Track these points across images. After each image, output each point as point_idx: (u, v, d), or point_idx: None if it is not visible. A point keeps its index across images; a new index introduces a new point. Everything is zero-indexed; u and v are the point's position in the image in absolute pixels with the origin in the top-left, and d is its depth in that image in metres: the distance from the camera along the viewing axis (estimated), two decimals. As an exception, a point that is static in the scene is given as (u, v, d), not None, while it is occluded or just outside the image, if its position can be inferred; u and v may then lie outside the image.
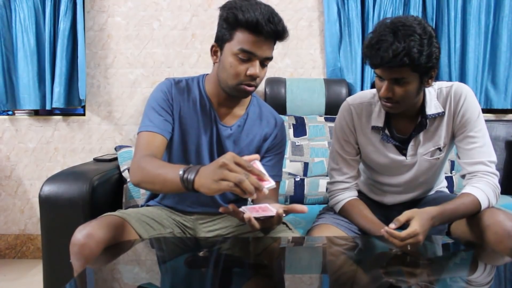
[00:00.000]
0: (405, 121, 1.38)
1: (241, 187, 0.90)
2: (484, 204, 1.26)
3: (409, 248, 1.12)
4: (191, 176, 0.98)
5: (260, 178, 0.95)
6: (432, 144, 1.38)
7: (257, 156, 1.00)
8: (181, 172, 0.99)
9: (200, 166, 1.00)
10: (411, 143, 1.38)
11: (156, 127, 1.23)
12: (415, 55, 1.16)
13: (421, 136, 1.37)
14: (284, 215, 1.06)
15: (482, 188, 1.28)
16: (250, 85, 1.21)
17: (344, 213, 1.44)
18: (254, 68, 1.18)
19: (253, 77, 1.19)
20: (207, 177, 0.94)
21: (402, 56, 1.16)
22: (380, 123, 1.38)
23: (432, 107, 1.34)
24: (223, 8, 1.21)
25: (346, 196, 1.44)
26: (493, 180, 1.31)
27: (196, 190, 0.98)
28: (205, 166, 0.99)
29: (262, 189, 0.92)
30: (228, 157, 0.93)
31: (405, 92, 1.24)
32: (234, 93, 1.25)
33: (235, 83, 1.21)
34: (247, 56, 1.17)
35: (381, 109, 1.38)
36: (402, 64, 1.17)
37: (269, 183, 0.95)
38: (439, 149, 1.38)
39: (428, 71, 1.24)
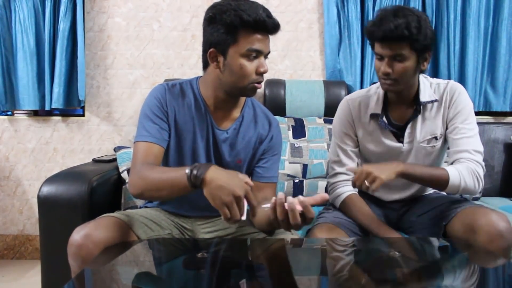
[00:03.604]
0: (402, 109, 1.45)
1: (232, 222, 1.02)
2: (454, 179, 1.31)
3: (368, 185, 1.24)
4: (200, 173, 1.04)
5: None
6: (428, 132, 1.44)
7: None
8: (187, 171, 1.06)
9: (211, 164, 1.07)
10: (408, 130, 1.44)
11: (152, 137, 1.23)
12: (414, 29, 1.27)
13: (417, 124, 1.43)
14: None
15: (458, 167, 1.34)
16: (260, 82, 1.23)
17: (344, 207, 1.47)
18: (264, 65, 1.21)
19: (263, 74, 1.22)
20: (219, 189, 1.01)
21: (402, 28, 1.26)
22: (378, 110, 1.45)
23: (426, 95, 1.42)
24: (219, 13, 1.18)
25: (347, 189, 1.48)
26: (473, 165, 1.35)
27: (202, 185, 1.04)
28: (218, 172, 1.05)
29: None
30: (243, 189, 1.01)
31: (403, 69, 1.32)
32: (245, 94, 1.26)
33: (247, 83, 1.22)
34: (254, 55, 1.19)
35: (379, 97, 1.46)
36: (402, 35, 1.27)
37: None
38: (435, 138, 1.44)
39: (424, 50, 1.33)
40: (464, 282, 1.03)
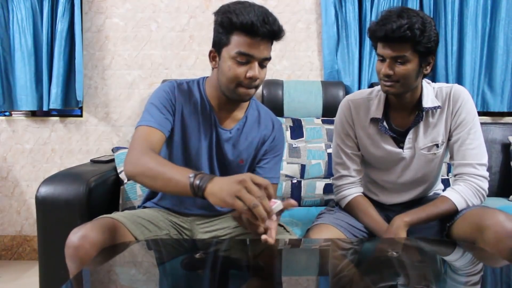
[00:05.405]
0: (403, 115, 1.42)
1: (253, 211, 0.91)
2: (460, 205, 1.33)
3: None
4: (203, 183, 0.97)
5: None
6: (430, 139, 1.41)
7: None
8: (191, 176, 0.99)
9: (214, 176, 1.00)
10: (409, 136, 1.42)
11: (156, 123, 1.22)
12: (417, 31, 1.24)
13: (419, 130, 1.41)
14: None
15: (461, 191, 1.34)
16: (250, 87, 1.21)
17: (349, 209, 1.47)
18: (253, 70, 1.18)
19: (252, 79, 1.19)
20: (223, 189, 0.94)
21: (405, 28, 1.24)
22: (379, 114, 1.42)
23: (429, 101, 1.39)
24: (217, 13, 1.20)
25: (353, 191, 1.47)
26: (478, 182, 1.35)
27: (205, 197, 0.97)
28: (220, 177, 0.99)
29: (272, 214, 0.95)
30: (247, 175, 0.94)
31: (405, 71, 1.29)
32: (235, 97, 1.24)
33: (235, 86, 1.20)
34: (245, 59, 1.17)
35: (380, 101, 1.43)
36: (404, 36, 1.24)
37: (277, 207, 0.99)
38: (437, 145, 1.42)
39: (427, 53, 1.30)
40: (467, 283, 1.03)
